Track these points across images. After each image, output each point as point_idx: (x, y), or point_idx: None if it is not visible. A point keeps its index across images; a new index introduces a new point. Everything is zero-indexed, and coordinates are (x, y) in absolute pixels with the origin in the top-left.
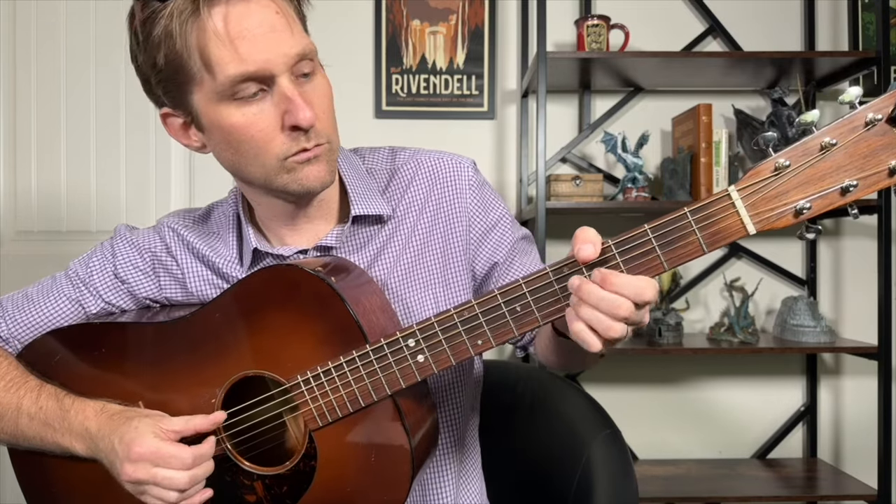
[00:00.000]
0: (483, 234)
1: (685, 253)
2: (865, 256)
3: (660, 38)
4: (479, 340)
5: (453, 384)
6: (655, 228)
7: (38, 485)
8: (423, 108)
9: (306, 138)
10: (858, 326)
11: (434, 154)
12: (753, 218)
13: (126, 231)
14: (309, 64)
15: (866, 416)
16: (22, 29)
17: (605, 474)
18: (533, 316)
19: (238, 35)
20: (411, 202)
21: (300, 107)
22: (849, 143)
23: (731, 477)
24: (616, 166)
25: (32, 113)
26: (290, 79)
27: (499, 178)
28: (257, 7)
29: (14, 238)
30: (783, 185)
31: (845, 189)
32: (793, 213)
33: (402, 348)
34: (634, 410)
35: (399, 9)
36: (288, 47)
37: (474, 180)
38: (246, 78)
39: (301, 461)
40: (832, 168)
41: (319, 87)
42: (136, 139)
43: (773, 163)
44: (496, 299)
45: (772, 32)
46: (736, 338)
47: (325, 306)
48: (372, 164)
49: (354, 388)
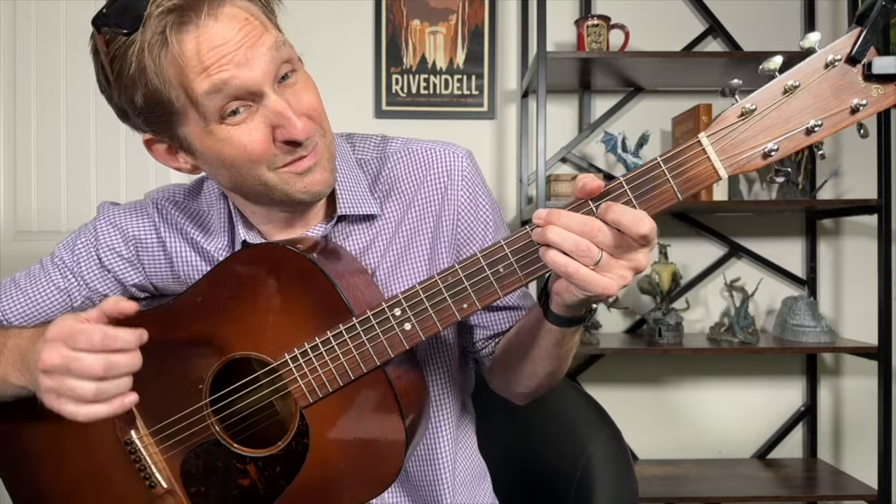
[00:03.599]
0: (469, 233)
1: (660, 201)
2: (865, 256)
3: (660, 38)
4: (465, 304)
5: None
6: (630, 179)
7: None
8: (423, 108)
9: (303, 147)
10: (858, 326)
11: (427, 144)
12: (724, 162)
13: (110, 211)
14: (287, 64)
15: (866, 416)
16: (22, 29)
17: (605, 474)
18: (516, 276)
19: (214, 59)
20: (400, 194)
21: (293, 122)
22: (811, 85)
23: (731, 477)
24: (616, 166)
25: (32, 113)
26: (274, 90)
27: (499, 178)
28: (227, 22)
29: (14, 238)
30: (750, 130)
31: (810, 129)
32: (761, 156)
33: (388, 318)
34: (634, 410)
35: (399, 9)
36: (268, 58)
37: (467, 172)
38: (230, 99)
39: (293, 440)
40: (797, 110)
41: (302, 85)
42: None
43: (739, 108)
44: (479, 262)
45: (772, 32)
46: (736, 338)
47: (308, 283)
48: (362, 153)
49: (343, 361)
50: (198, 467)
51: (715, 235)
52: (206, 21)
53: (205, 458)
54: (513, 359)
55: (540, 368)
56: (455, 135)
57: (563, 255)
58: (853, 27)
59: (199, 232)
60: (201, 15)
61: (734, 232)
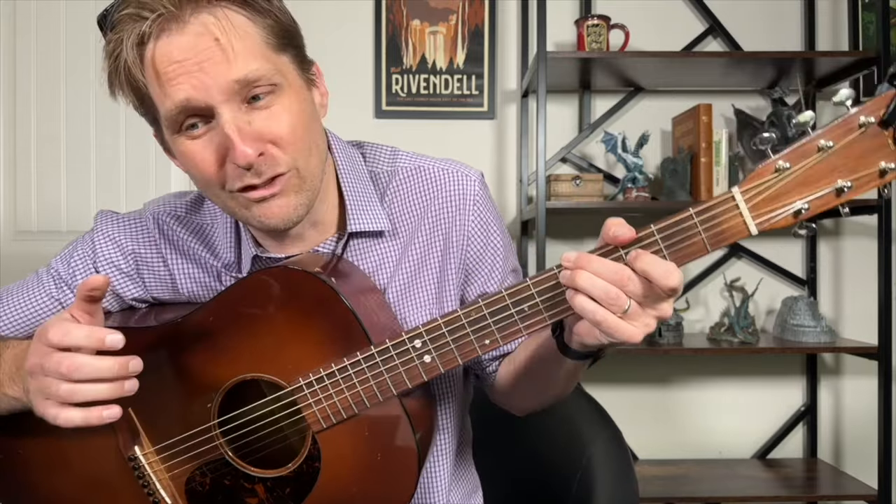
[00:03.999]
0: (478, 259)
1: (689, 252)
2: (865, 256)
3: (660, 38)
4: (487, 340)
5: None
6: (662, 229)
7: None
8: (423, 108)
9: (253, 174)
10: (858, 326)
11: (439, 163)
12: (755, 218)
13: (107, 223)
14: (264, 89)
15: (866, 416)
16: (22, 29)
17: (605, 474)
18: (541, 316)
19: (172, 73)
20: (410, 212)
21: (236, 145)
22: (843, 146)
23: (731, 477)
24: (616, 166)
25: (32, 113)
26: (232, 109)
27: (499, 178)
28: (190, 38)
29: (14, 238)
30: (783, 187)
31: (840, 190)
32: (792, 214)
33: (408, 349)
34: (634, 410)
35: (399, 9)
36: (224, 76)
37: (479, 196)
38: (182, 114)
39: (304, 462)
40: (828, 169)
41: (278, 110)
42: (136, 139)
43: (773, 164)
44: (504, 300)
45: (772, 32)
46: (736, 338)
47: (325, 307)
48: (374, 164)
49: (360, 391)
50: (204, 486)
51: None
52: (171, 32)
53: (211, 476)
54: (520, 382)
55: (549, 392)
56: (455, 135)
57: (591, 301)
58: (885, 87)
59: (203, 248)
60: (170, 25)
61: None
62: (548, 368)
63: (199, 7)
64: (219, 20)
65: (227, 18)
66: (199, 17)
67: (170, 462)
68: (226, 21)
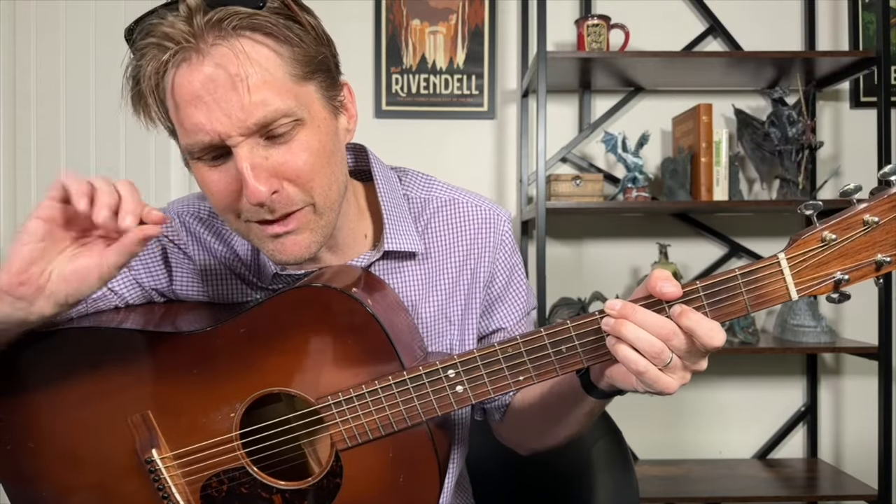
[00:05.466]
0: (501, 294)
1: (730, 312)
2: None
3: (660, 38)
4: (521, 377)
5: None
6: (707, 286)
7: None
8: (423, 107)
9: (267, 211)
10: (858, 326)
11: (473, 197)
12: (797, 285)
13: None
14: (284, 121)
15: (866, 416)
16: (22, 29)
17: (605, 475)
18: (578, 358)
19: (186, 104)
20: (441, 240)
21: (248, 184)
22: (887, 222)
23: (731, 477)
24: (616, 166)
25: (32, 113)
26: (249, 144)
27: (499, 178)
28: (209, 70)
29: (14, 238)
30: (826, 256)
31: (880, 263)
32: (833, 284)
33: (441, 378)
34: (634, 410)
35: (399, 9)
36: (242, 115)
37: (508, 235)
38: (198, 147)
39: (325, 478)
40: (870, 243)
41: (297, 146)
42: (136, 139)
43: (820, 234)
44: (542, 339)
45: (772, 32)
46: (736, 338)
47: (359, 328)
48: (409, 189)
49: (388, 413)
50: (220, 492)
51: (715, 235)
52: (190, 63)
53: (228, 484)
54: (534, 420)
55: (564, 432)
56: (455, 135)
57: (634, 351)
58: None
59: (225, 249)
60: (189, 55)
61: (734, 232)
62: (565, 405)
63: (220, 37)
64: (237, 55)
65: (246, 53)
66: (219, 50)
67: (187, 468)
68: (243, 56)
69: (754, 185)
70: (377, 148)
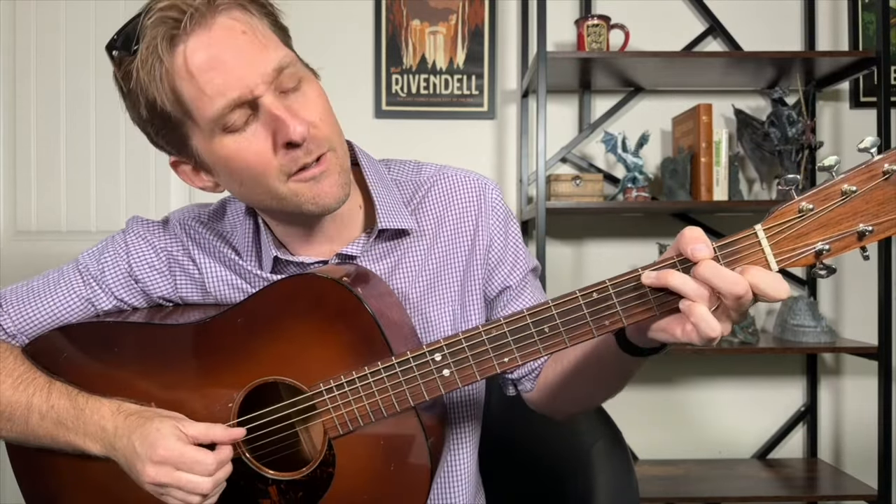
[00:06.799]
0: (500, 257)
1: None
2: None
3: (660, 38)
4: (506, 358)
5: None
6: (683, 260)
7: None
8: (423, 108)
9: (304, 152)
10: (858, 326)
11: (461, 171)
12: (777, 256)
13: (139, 226)
14: (292, 77)
15: (866, 416)
16: (22, 29)
17: (605, 474)
18: (560, 338)
19: (206, 69)
20: (434, 216)
21: (288, 122)
22: (867, 191)
23: (731, 477)
24: (616, 166)
25: (32, 112)
26: (274, 96)
27: (499, 178)
28: (220, 33)
29: (14, 238)
30: (805, 227)
31: (861, 233)
32: (813, 254)
33: (427, 362)
34: (634, 410)
35: (399, 9)
36: (262, 65)
37: (499, 202)
38: (227, 109)
39: (318, 467)
40: (850, 213)
41: (310, 95)
42: (136, 139)
43: (797, 205)
44: (525, 319)
45: (772, 32)
46: (736, 338)
47: (350, 317)
48: (397, 174)
49: (378, 399)
50: None
51: (715, 235)
52: (197, 32)
53: None
54: (569, 384)
55: (598, 394)
56: (455, 135)
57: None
58: None
59: (228, 249)
60: (193, 26)
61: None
62: (603, 367)
63: (218, 12)
64: (236, 20)
65: (244, 20)
66: (221, 20)
67: None
68: (243, 19)
69: (754, 186)
70: (377, 148)
